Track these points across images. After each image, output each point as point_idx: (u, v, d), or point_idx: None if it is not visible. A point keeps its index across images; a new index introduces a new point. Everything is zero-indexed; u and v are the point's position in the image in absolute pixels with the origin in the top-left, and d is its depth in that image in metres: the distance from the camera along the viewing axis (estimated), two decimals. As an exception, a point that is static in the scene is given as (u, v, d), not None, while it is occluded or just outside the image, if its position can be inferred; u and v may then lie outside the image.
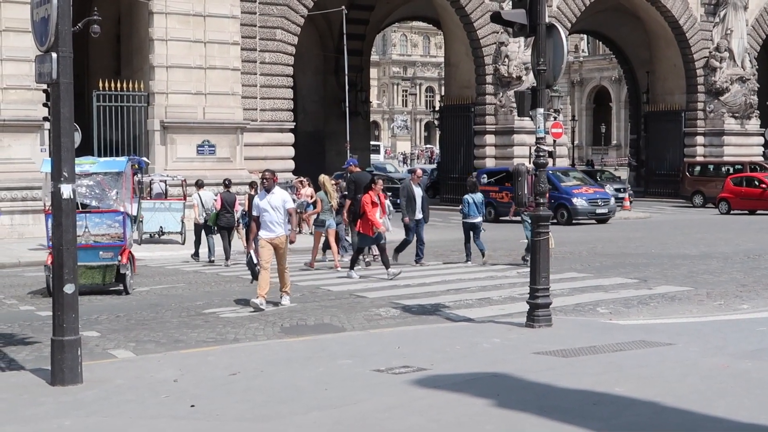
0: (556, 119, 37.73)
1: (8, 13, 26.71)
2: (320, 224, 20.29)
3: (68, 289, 8.83)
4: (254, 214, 14.47)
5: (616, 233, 28.19)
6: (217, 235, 21.71)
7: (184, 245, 24.63)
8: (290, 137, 33.88)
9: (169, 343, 11.41)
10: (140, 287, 17.07)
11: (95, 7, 27.52)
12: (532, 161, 12.14)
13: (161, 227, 26.14)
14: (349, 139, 35.24)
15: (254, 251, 14.55)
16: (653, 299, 14.53)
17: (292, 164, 33.15)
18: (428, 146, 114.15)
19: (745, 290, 15.33)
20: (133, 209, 18.30)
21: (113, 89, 29.54)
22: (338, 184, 23.07)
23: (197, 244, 21.99)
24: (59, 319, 8.86)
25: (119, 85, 29.64)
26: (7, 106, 27.03)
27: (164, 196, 27.43)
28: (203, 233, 21.93)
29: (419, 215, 20.25)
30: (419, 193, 20.50)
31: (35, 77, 9.29)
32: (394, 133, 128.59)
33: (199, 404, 8.05)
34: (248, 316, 13.43)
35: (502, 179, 34.77)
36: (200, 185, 22.82)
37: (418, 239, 20.19)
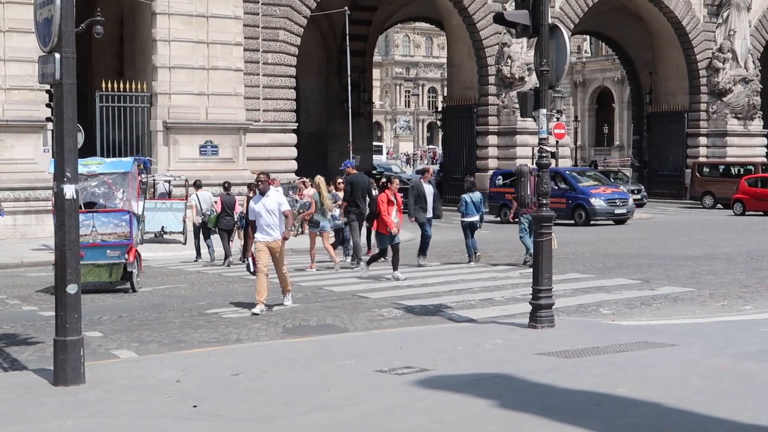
0: (558, 120, 37.71)
1: (11, 13, 26.74)
2: (314, 225, 20.46)
3: (71, 289, 8.84)
4: (251, 218, 14.23)
5: (618, 234, 28.17)
6: (216, 236, 21.78)
7: (185, 245, 24.64)
8: (293, 138, 33.89)
9: (171, 343, 11.42)
10: (143, 287, 17.08)
11: (98, 7, 27.47)
12: (535, 162, 12.12)
13: (163, 227, 26.18)
14: (351, 139, 35.22)
15: (251, 257, 14.24)
16: (656, 300, 14.52)
17: (294, 165, 33.16)
18: (431, 147, 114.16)
19: (748, 291, 15.32)
20: (138, 209, 18.56)
21: (116, 90, 29.56)
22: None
23: (198, 245, 22.07)
24: (62, 319, 8.86)
25: (122, 85, 29.66)
26: (10, 106, 27.05)
27: (168, 195, 27.48)
28: (201, 234, 22.06)
29: (430, 214, 20.09)
30: (430, 191, 20.30)
31: (38, 78, 9.30)
32: (396, 133, 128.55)
33: (201, 405, 8.05)
34: (250, 316, 13.43)
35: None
36: (198, 186, 22.91)
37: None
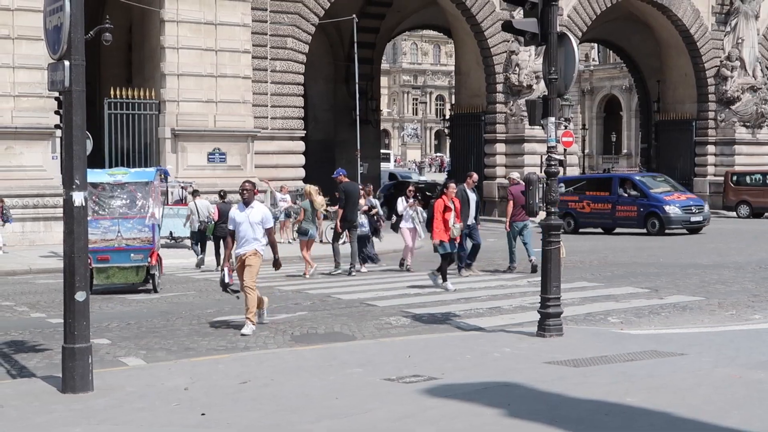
0: (567, 128, 37.68)
1: (20, 21, 26.84)
2: (303, 233, 20.52)
3: (79, 296, 8.84)
4: (230, 228, 13.09)
5: (626, 243, 28.12)
6: (211, 243, 22.18)
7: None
8: (301, 145, 33.92)
9: (179, 350, 11.41)
10: (151, 295, 17.11)
11: (107, 15, 27.54)
12: (543, 170, 12.10)
13: (171, 232, 26.31)
14: (359, 147, 35.24)
15: (228, 269, 13.07)
16: (665, 309, 14.48)
17: (302, 172, 33.19)
18: (438, 154, 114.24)
19: (757, 300, 15.26)
20: (159, 215, 19.38)
21: (124, 97, 29.65)
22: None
23: (198, 252, 22.48)
24: (70, 326, 8.86)
25: (130, 93, 29.75)
26: (19, 113, 27.14)
27: (182, 201, 27.61)
28: (196, 240, 22.56)
29: (472, 220, 19.58)
30: (474, 197, 19.81)
31: (48, 85, 9.31)
32: (404, 141, 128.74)
33: (209, 412, 8.04)
34: (258, 324, 13.40)
35: (582, 188, 33.60)
36: (195, 194, 23.20)
37: (461, 247, 19.19)
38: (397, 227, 20.72)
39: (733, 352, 10.57)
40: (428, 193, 35.81)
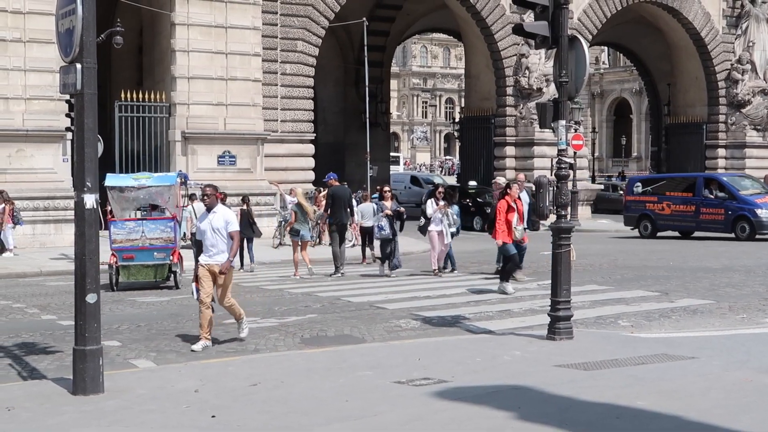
0: (577, 131, 37.61)
1: (32, 24, 26.94)
2: (295, 233, 20.77)
3: (90, 298, 8.86)
4: (197, 237, 12.27)
5: (637, 246, 28.06)
6: None
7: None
8: (310, 148, 33.95)
9: (189, 353, 11.42)
10: (161, 297, 17.15)
11: (118, 18, 27.68)
12: (553, 173, 12.09)
13: (184, 233, 26.37)
14: (368, 150, 35.26)
15: (197, 284, 12.13)
16: (675, 312, 14.44)
17: (312, 175, 33.21)
18: (448, 158, 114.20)
19: None
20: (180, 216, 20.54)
21: (135, 100, 29.72)
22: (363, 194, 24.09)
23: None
24: (81, 328, 8.88)
25: (141, 95, 29.82)
26: (30, 116, 27.23)
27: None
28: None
29: (524, 224, 18.77)
30: (526, 200, 19.29)
31: (59, 88, 9.34)
32: (413, 144, 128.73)
33: (220, 415, 8.05)
34: (268, 326, 13.44)
35: (662, 188, 31.87)
36: (193, 198, 23.33)
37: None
38: (425, 230, 20.55)
39: (744, 355, 10.55)
40: (479, 199, 35.48)
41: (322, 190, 27.15)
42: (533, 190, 26.11)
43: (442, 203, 20.29)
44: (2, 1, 26.95)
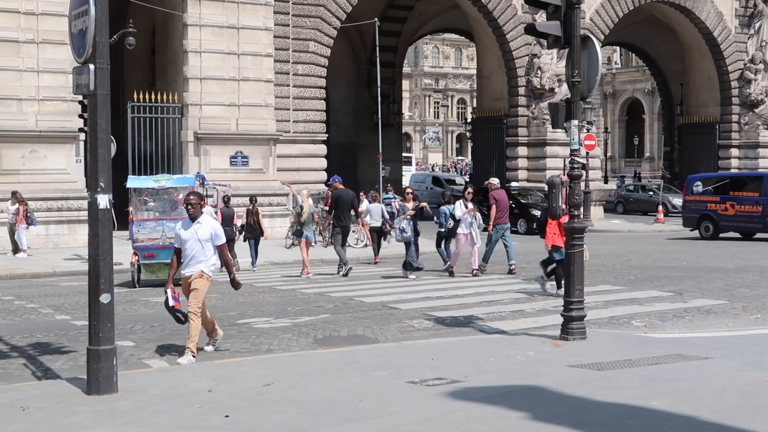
0: (589, 131, 37.54)
1: (45, 25, 27.03)
2: (299, 234, 21.14)
3: (104, 298, 8.87)
4: (176, 245, 11.55)
5: (650, 246, 27.99)
6: None
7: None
8: (323, 149, 33.99)
9: (202, 352, 11.43)
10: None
11: (130, 19, 27.76)
12: (566, 173, 12.07)
13: None
14: (380, 150, 35.27)
15: (171, 290, 11.49)
16: (688, 312, 14.40)
17: (324, 176, 33.23)
18: (460, 158, 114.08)
19: (782, 304, 15.17)
20: None
21: (148, 101, 29.80)
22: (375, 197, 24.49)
23: None
24: (95, 328, 8.90)
25: (154, 96, 29.90)
26: (43, 117, 27.33)
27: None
28: None
29: None
30: None
31: (73, 88, 9.36)
32: (425, 144, 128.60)
33: (233, 415, 8.06)
34: (281, 326, 13.45)
35: (724, 187, 30.51)
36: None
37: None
38: (454, 232, 20.48)
39: (758, 356, 10.51)
40: (522, 200, 34.87)
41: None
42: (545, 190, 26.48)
43: (471, 206, 20.22)
44: (15, 2, 27.05)
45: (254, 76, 30.88)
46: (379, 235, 24.12)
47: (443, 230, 20.77)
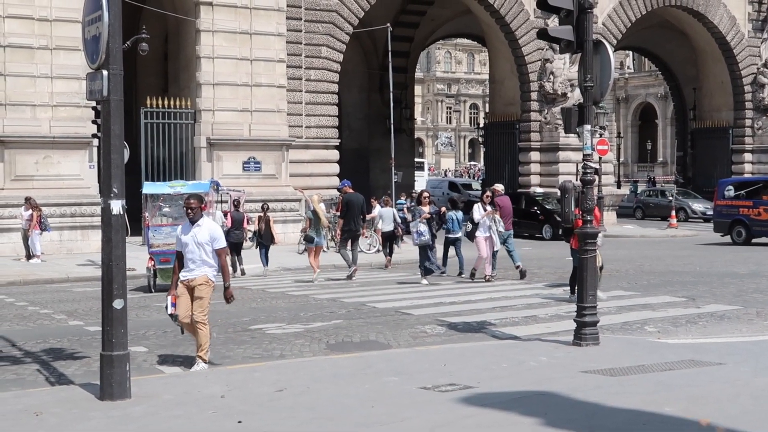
0: (602, 136, 37.45)
1: (58, 31, 27.14)
2: (309, 240, 21.07)
3: (117, 304, 8.89)
4: (177, 249, 11.30)
5: (663, 251, 27.91)
6: None
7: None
8: (335, 154, 34.00)
9: (215, 358, 11.43)
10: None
11: (143, 25, 27.83)
12: (579, 178, 12.04)
13: None
14: (393, 156, 35.27)
15: (173, 297, 11.06)
16: (702, 318, 14.36)
17: (337, 181, 33.14)
18: (473, 163, 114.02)
19: (796, 309, 15.10)
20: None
21: (160, 106, 29.88)
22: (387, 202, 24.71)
23: None
24: (108, 334, 8.91)
25: (166, 102, 29.97)
26: (56, 123, 27.42)
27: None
28: None
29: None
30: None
31: (86, 94, 9.38)
32: (438, 150, 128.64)
33: (246, 420, 8.06)
34: (294, 332, 13.46)
35: (757, 191, 29.53)
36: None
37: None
38: (472, 236, 20.44)
39: (772, 361, 10.47)
40: (547, 205, 34.63)
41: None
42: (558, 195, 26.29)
43: (489, 209, 20.17)
44: (29, 9, 27.17)
45: (267, 81, 30.92)
46: (390, 239, 24.14)
47: (450, 236, 20.94)
